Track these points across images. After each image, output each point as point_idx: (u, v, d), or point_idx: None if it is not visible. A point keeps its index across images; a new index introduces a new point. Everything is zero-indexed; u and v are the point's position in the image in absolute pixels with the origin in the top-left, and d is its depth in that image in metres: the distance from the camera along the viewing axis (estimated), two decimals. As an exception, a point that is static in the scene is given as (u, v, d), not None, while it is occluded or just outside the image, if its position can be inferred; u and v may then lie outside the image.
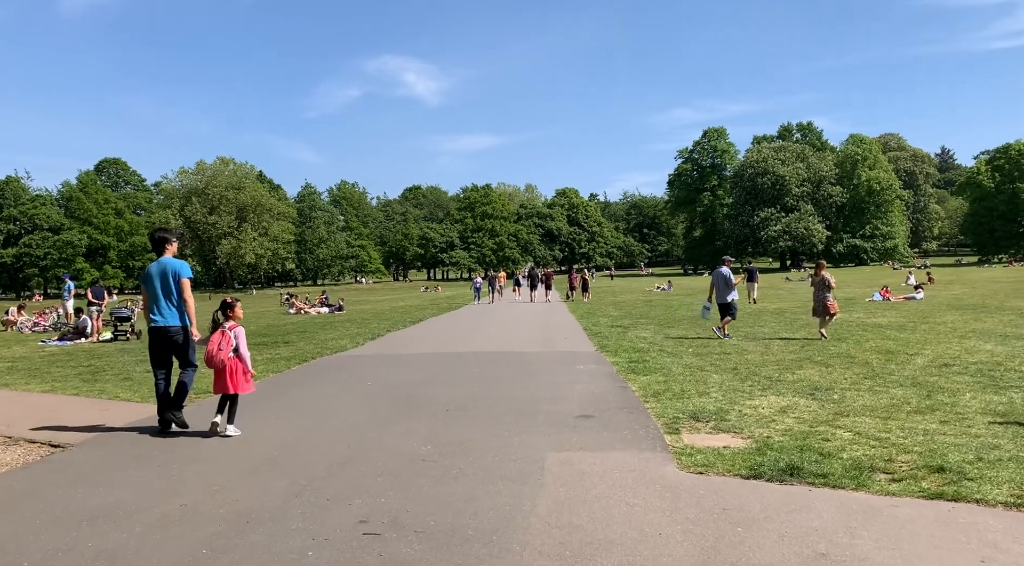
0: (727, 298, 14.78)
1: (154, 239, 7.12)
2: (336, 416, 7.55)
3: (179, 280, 6.82)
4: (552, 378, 9.86)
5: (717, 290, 15.05)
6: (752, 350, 12.65)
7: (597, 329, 17.92)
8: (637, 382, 9.24)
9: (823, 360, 11.15)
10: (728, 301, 14.76)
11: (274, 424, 7.21)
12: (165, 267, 6.86)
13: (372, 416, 7.48)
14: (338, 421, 7.28)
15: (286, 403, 8.37)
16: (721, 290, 14.95)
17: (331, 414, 7.68)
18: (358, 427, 6.95)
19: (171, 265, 6.87)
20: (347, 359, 12.91)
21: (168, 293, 6.81)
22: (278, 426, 7.11)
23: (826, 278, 14.46)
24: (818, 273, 14.75)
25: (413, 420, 7.20)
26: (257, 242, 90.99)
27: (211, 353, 6.50)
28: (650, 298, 35.88)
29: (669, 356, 12.07)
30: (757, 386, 8.77)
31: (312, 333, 18.59)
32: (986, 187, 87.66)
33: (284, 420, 7.40)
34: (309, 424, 7.18)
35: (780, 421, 6.76)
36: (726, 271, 15.16)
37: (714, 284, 15.20)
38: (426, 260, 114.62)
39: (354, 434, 6.63)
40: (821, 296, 14.29)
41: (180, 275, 6.83)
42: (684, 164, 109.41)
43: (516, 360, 12.11)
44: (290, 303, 30.71)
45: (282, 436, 6.65)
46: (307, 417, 7.55)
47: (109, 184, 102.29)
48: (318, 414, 7.69)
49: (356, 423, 7.15)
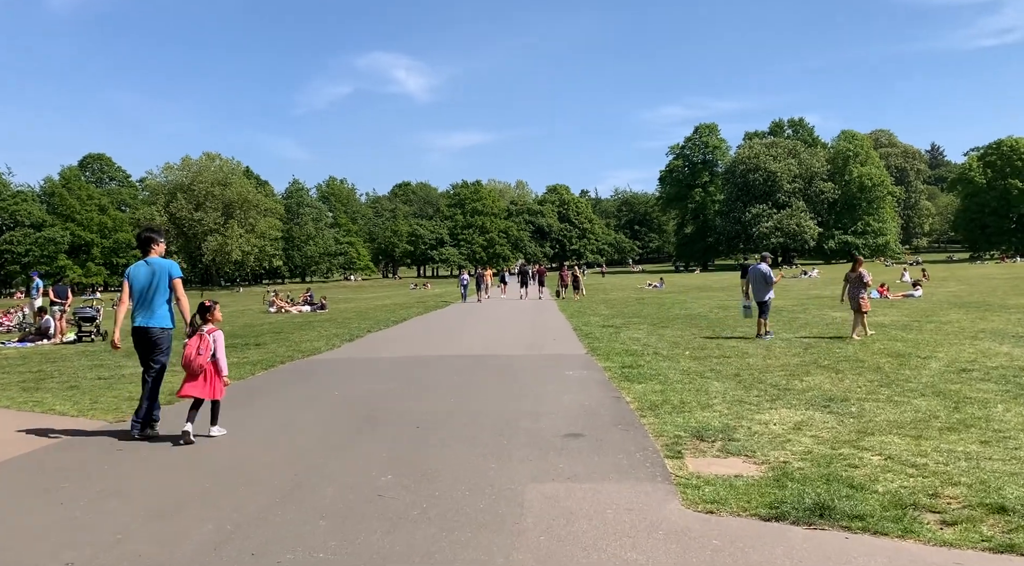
0: (765, 296, 14.09)
1: (140, 239, 6.97)
2: (290, 435, 6.64)
3: (172, 280, 6.68)
4: (538, 387, 8.98)
5: (755, 288, 14.35)
6: (753, 353, 11.82)
7: (588, 329, 17.06)
8: (632, 391, 8.37)
9: (831, 364, 10.32)
10: (766, 299, 14.08)
11: (218, 444, 6.29)
12: (155, 267, 6.69)
13: (330, 435, 6.57)
14: (291, 441, 6.37)
15: (239, 418, 7.45)
16: (760, 288, 14.22)
17: (285, 432, 6.77)
18: (312, 450, 6.04)
19: (161, 266, 6.71)
20: (318, 364, 11.99)
21: (159, 294, 6.64)
22: (222, 447, 6.20)
23: (863, 274, 13.84)
24: (855, 269, 14.08)
25: (376, 441, 6.30)
26: (244, 239, 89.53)
27: (189, 357, 6.28)
28: (642, 296, 35.07)
29: (665, 360, 11.22)
30: (764, 396, 7.92)
31: (287, 334, 17.64)
32: (978, 183, 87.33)
33: (231, 439, 6.49)
34: (257, 445, 6.27)
35: (796, 441, 5.91)
36: (765, 268, 14.40)
37: (750, 281, 14.55)
38: (416, 257, 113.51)
39: (305, 459, 5.72)
40: (855, 293, 13.71)
41: (172, 275, 6.70)
42: (676, 160, 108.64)
43: (500, 365, 11.22)
44: (271, 302, 29.69)
45: (224, 460, 5.74)
46: (257, 436, 6.63)
47: (93, 180, 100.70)
48: (270, 433, 6.78)
49: (311, 444, 6.24)
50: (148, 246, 6.82)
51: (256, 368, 11.35)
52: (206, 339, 6.34)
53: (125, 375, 11.04)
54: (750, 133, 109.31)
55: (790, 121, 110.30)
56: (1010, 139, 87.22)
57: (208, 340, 6.35)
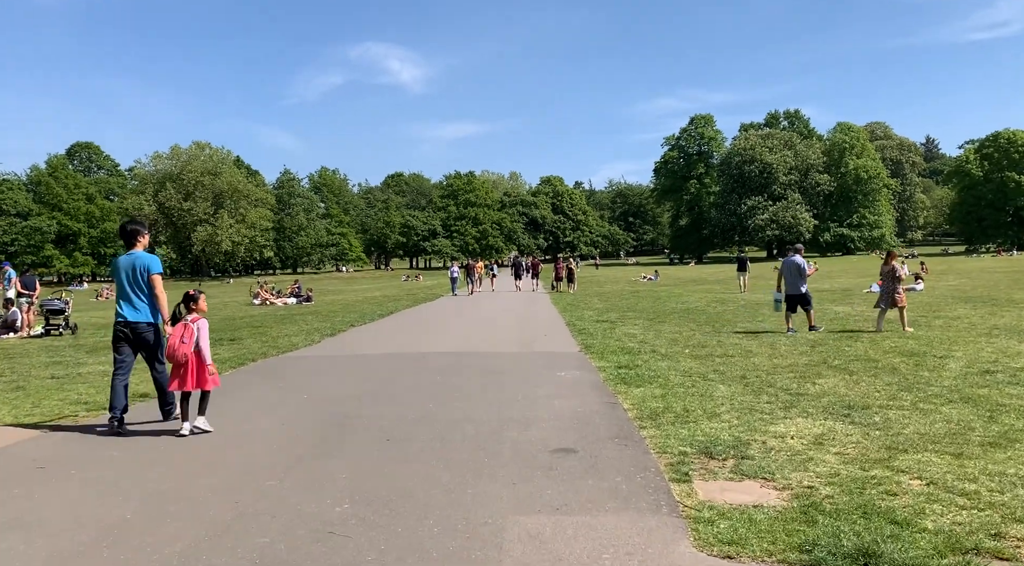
0: (800, 288, 13.67)
1: (125, 231, 6.86)
2: (243, 449, 5.85)
3: (149, 276, 6.60)
4: (527, 389, 8.20)
5: (788, 280, 13.86)
6: (757, 351, 11.08)
7: (581, 324, 16.30)
8: (629, 396, 7.61)
9: (842, 365, 9.59)
10: (802, 291, 13.67)
11: (157, 461, 5.50)
12: (134, 261, 6.62)
13: (289, 450, 5.78)
14: (242, 458, 5.58)
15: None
16: (794, 280, 13.76)
17: (238, 446, 5.98)
18: (265, 468, 5.26)
19: (140, 260, 6.64)
20: (292, 361, 11.19)
21: (137, 288, 6.60)
22: (160, 464, 5.41)
23: (896, 268, 13.42)
24: (888, 262, 13.67)
25: (339, 457, 5.52)
26: (234, 229, 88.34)
27: (173, 347, 6.21)
28: (636, 289, 34.35)
29: (663, 359, 10.46)
30: (777, 403, 7.16)
31: (267, 328, 16.82)
32: (975, 176, 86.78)
33: (173, 455, 5.70)
34: (201, 463, 5.48)
35: (819, 459, 5.15)
36: (799, 260, 13.99)
37: (784, 274, 14.00)
38: (408, 248, 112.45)
39: (254, 481, 4.93)
40: (890, 288, 13.29)
41: (150, 271, 6.61)
42: (671, 151, 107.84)
43: (487, 364, 10.44)
44: (255, 294, 28.77)
45: (157, 483, 4.94)
46: (205, 451, 5.84)
47: (81, 169, 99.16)
48: (220, 447, 5.99)
49: (264, 461, 5.46)
50: (133, 239, 6.75)
51: (224, 366, 10.54)
52: (190, 328, 6.24)
53: (81, 374, 10.23)
54: (746, 124, 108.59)
55: (786, 113, 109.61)
56: (1007, 131, 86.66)
57: (192, 329, 6.24)
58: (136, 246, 6.73)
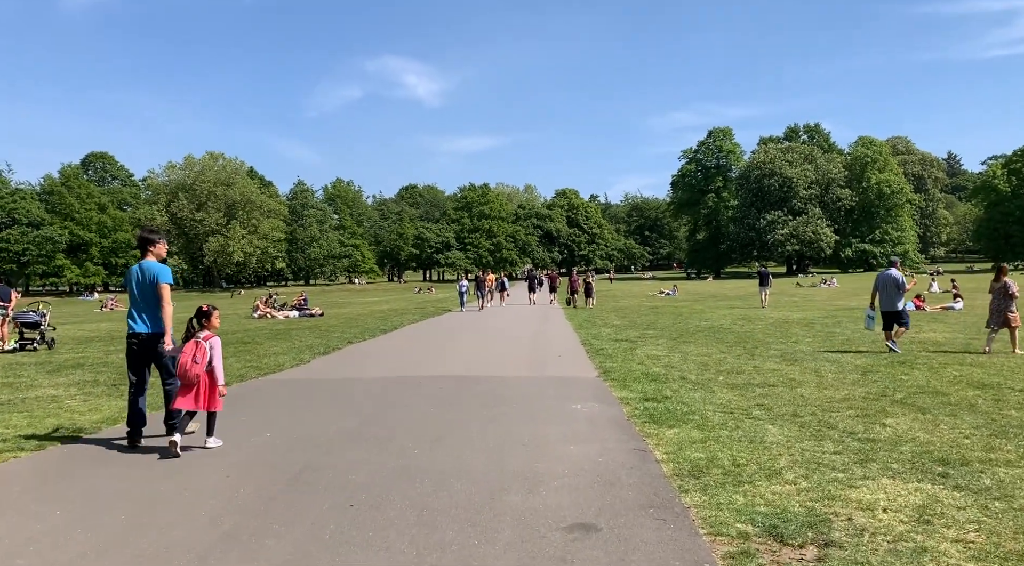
0: (897, 305, 12.85)
1: (139, 240, 6.74)
2: (165, 518, 4.50)
3: (157, 285, 6.37)
4: (535, 428, 6.82)
5: (883, 296, 13.09)
6: (802, 380, 9.63)
7: (598, 344, 14.91)
8: (661, 440, 6.21)
9: (906, 399, 8.14)
10: (898, 308, 12.85)
11: (41, 532, 4.17)
12: (144, 271, 6.45)
13: (216, 523, 4.41)
14: (158, 533, 4.23)
15: (113, 477, 5.34)
16: (890, 296, 12.98)
17: (162, 510, 4.63)
18: (183, 548, 3.90)
19: (150, 269, 6.45)
20: (270, 386, 9.87)
21: (146, 298, 6.38)
22: (45, 538, 4.08)
23: (1008, 284, 12.37)
24: (999, 278, 12.64)
25: (283, 532, 4.15)
26: (246, 240, 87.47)
27: (185, 365, 5.96)
28: (655, 304, 32.87)
29: (695, 388, 9.05)
30: (846, 452, 5.73)
31: (256, 345, 15.53)
32: (1002, 191, 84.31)
33: (61, 530, 4.37)
34: (103, 537, 4.13)
35: (935, 550, 3.73)
36: (896, 274, 13.16)
37: (879, 289, 13.22)
38: (421, 261, 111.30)
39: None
40: (1001, 306, 12.33)
41: (158, 280, 6.39)
42: (688, 164, 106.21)
43: (491, 392, 9.06)
44: (255, 306, 27.54)
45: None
46: (118, 519, 4.50)
47: (96, 179, 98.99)
48: (140, 511, 4.64)
49: (185, 538, 4.10)
50: (145, 248, 6.58)
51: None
52: (202, 346, 6.00)
53: (29, 398, 8.96)
54: (765, 138, 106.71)
55: (805, 126, 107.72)
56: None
57: (204, 347, 6.00)
58: (148, 255, 6.55)
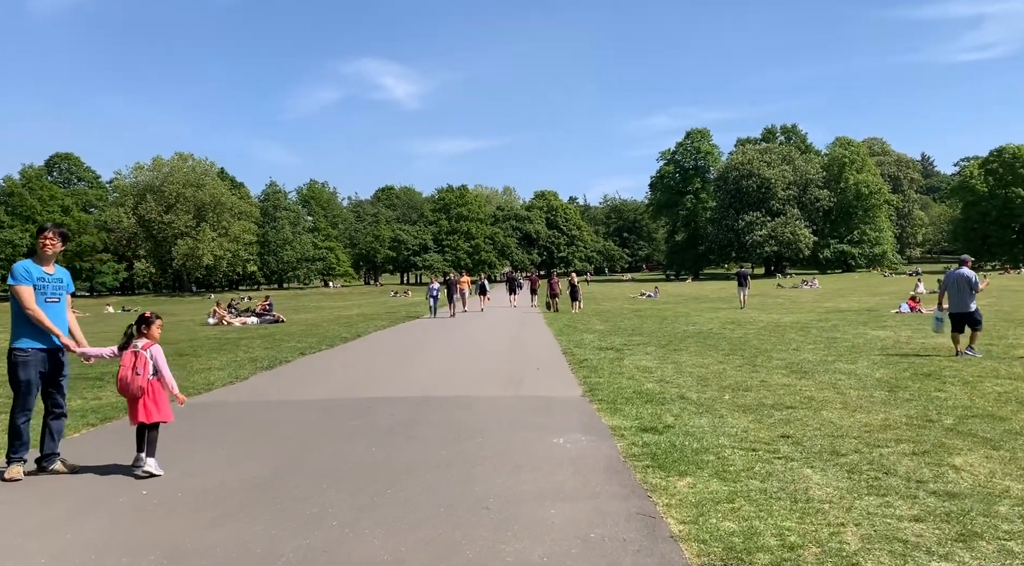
0: (969, 306, 11.91)
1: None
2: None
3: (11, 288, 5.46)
4: (506, 478, 5.21)
5: (953, 296, 12.21)
6: (821, 398, 8.15)
7: (581, 353, 13.36)
8: (673, 498, 4.62)
9: (959, 425, 6.67)
10: (971, 310, 11.92)
11: None
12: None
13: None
14: None
15: None
16: (963, 296, 12.04)
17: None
18: None
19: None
20: (184, 414, 8.14)
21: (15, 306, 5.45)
22: None
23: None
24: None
25: None
26: (216, 243, 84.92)
27: (126, 379, 5.42)
28: (637, 307, 31.45)
29: (701, 412, 7.52)
30: (932, 519, 4.19)
31: (194, 358, 13.76)
32: (979, 191, 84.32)
33: None
34: None
35: None
36: (969, 273, 12.26)
37: (946, 288, 12.43)
38: (398, 263, 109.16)
39: None
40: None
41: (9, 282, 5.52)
42: (666, 166, 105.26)
43: (455, 420, 7.45)
44: (211, 312, 25.62)
45: None
46: None
47: (61, 180, 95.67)
48: None
49: None
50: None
51: (83, 421, 7.54)
52: (142, 357, 5.53)
53: None
54: (742, 139, 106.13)
55: (783, 128, 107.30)
56: (1012, 146, 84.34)
57: (144, 357, 5.54)
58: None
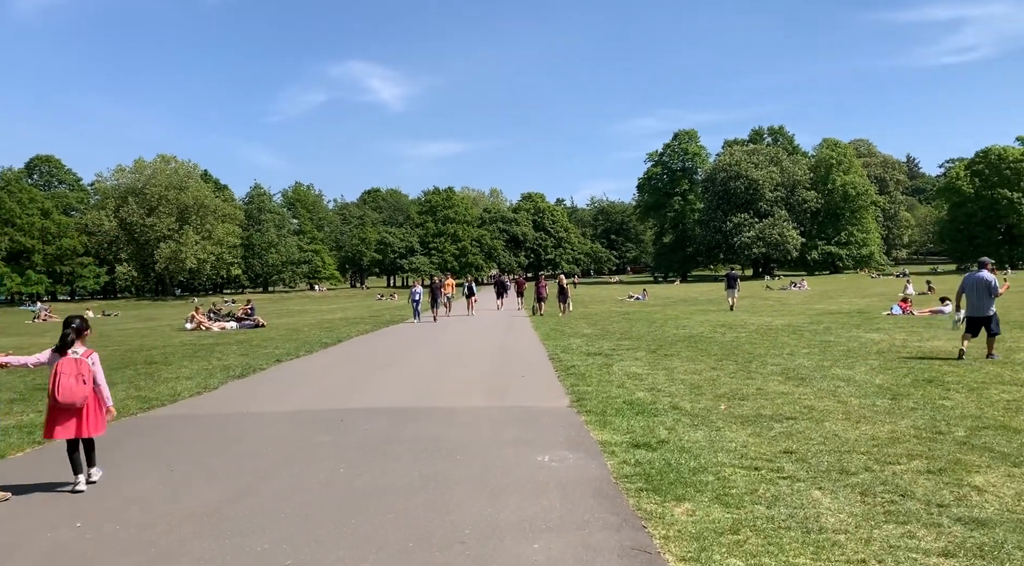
0: (988, 310, 11.59)
1: None
2: None
3: None
4: (484, 505, 4.68)
5: (972, 300, 11.87)
6: (822, 408, 7.67)
7: (568, 358, 12.85)
8: (672, 529, 4.11)
9: (971, 438, 6.22)
10: (990, 314, 11.61)
11: None
12: None
13: None
14: None
15: None
16: (981, 300, 11.71)
17: None
18: None
19: None
20: (140, 428, 7.56)
21: None
22: None
23: None
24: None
25: None
26: (200, 246, 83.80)
27: (71, 388, 5.01)
28: (626, 310, 30.98)
29: (696, 424, 7.02)
30: (963, 552, 3.70)
31: (164, 366, 13.11)
32: (966, 193, 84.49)
33: None
34: None
35: None
36: (988, 276, 11.79)
37: (966, 291, 12.01)
38: (384, 266, 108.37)
39: None
40: None
41: None
42: (654, 167, 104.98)
43: (432, 435, 6.91)
44: (189, 317, 24.91)
45: None
46: None
47: (41, 183, 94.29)
48: None
49: None
50: None
51: (28, 437, 6.93)
52: (85, 364, 5.12)
53: None
54: (729, 141, 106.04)
55: (770, 129, 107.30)
56: (997, 147, 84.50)
57: (87, 364, 5.14)
58: None
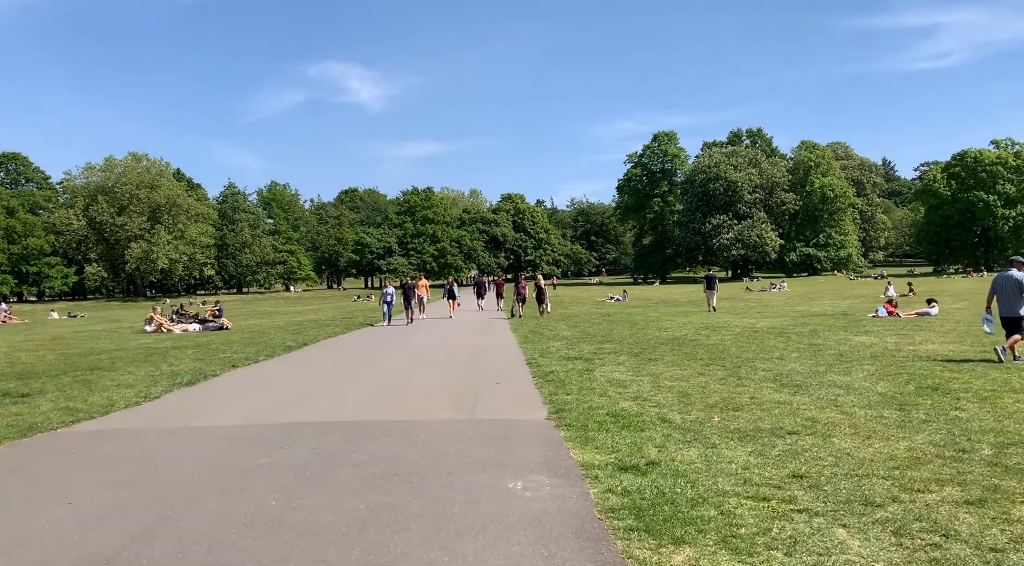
0: (1018, 310, 11.23)
1: None
2: None
3: None
4: (439, 554, 3.82)
5: (1001, 299, 11.51)
6: (826, 421, 6.91)
7: (547, 363, 12.02)
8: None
9: (999, 458, 5.51)
10: (1019, 314, 11.23)
11: None
12: None
13: None
14: None
15: None
16: (1012, 300, 11.33)
17: None
18: None
19: None
20: (55, 446, 6.60)
21: None
22: None
23: None
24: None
25: None
26: (172, 246, 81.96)
27: None
28: (606, 311, 30.25)
29: (689, 439, 6.22)
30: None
31: (108, 371, 12.06)
32: (942, 195, 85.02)
33: None
34: None
35: None
36: (1018, 275, 11.42)
37: (996, 291, 11.64)
38: (362, 267, 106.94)
39: None
40: None
41: None
42: (634, 168, 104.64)
43: (387, 456, 6.03)
44: (148, 318, 23.75)
45: None
46: None
47: (8, 181, 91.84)
48: None
49: None
50: None
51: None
52: None
53: None
54: (708, 142, 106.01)
55: (748, 131, 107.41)
56: (973, 151, 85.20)
57: None
58: None
